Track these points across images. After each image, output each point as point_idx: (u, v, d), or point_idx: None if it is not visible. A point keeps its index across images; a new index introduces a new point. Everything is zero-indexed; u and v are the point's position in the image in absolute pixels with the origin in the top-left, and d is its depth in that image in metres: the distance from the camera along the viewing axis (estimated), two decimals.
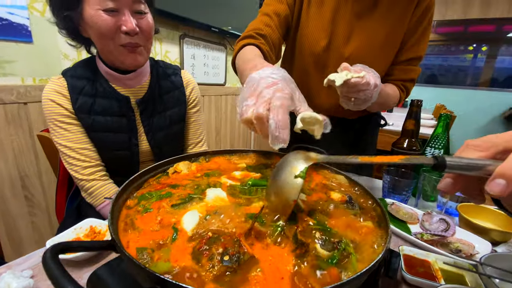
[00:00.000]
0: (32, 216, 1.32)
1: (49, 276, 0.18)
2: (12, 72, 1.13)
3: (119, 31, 0.67)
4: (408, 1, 0.71)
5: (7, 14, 1.08)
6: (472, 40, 4.20)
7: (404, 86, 0.78)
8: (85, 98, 0.74)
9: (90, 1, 0.65)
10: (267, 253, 0.25)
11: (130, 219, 0.28)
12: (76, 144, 0.74)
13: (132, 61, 0.73)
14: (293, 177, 0.29)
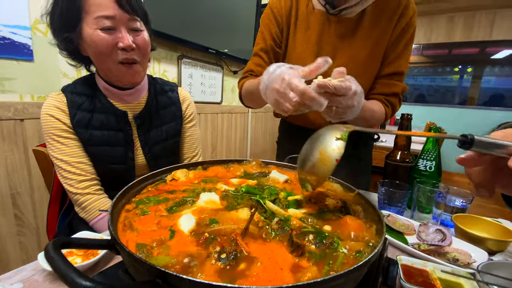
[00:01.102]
0: (21, 235, 1.28)
1: (53, 267, 0.18)
2: (11, 89, 1.14)
3: (116, 47, 0.70)
4: (387, 21, 0.76)
5: (10, 34, 1.11)
6: (457, 61, 4.42)
7: (387, 101, 0.80)
8: (83, 113, 0.75)
9: (89, 21, 0.68)
10: (265, 250, 0.25)
11: (128, 221, 0.28)
12: (72, 158, 0.74)
13: (130, 79, 0.75)
14: (335, 139, 0.31)
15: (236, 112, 2.63)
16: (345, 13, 0.77)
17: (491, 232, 0.63)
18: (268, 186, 0.40)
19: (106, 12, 0.67)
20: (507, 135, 0.30)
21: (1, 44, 1.09)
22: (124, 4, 0.68)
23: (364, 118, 0.73)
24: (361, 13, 0.77)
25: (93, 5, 0.67)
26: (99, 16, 0.67)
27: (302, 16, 0.82)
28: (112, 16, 0.67)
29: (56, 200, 0.87)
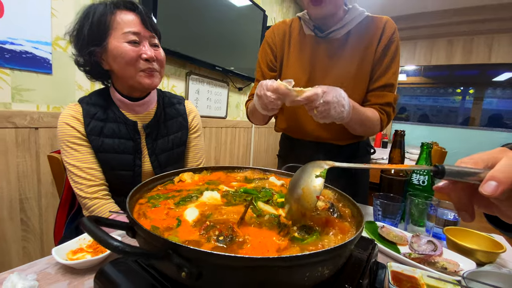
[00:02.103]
0: (25, 241, 1.30)
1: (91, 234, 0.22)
2: (29, 99, 1.22)
3: (140, 58, 0.79)
4: (369, 41, 0.84)
5: (32, 49, 1.20)
6: (458, 83, 4.50)
7: (382, 109, 0.86)
8: (96, 122, 0.81)
9: (116, 36, 0.76)
10: (257, 235, 0.29)
11: (142, 211, 0.32)
12: (84, 163, 0.79)
13: (150, 82, 0.82)
14: (314, 177, 0.34)
15: (240, 127, 2.70)
16: (332, 35, 0.87)
17: (481, 244, 0.65)
18: (265, 188, 0.44)
19: (133, 28, 0.77)
20: (477, 161, 0.31)
21: (23, 58, 1.18)
22: (147, 24, 0.79)
23: (359, 122, 0.79)
24: (346, 34, 0.86)
25: (122, 22, 0.76)
26: (127, 31, 0.76)
27: (295, 41, 0.92)
28: (138, 32, 0.78)
29: (65, 205, 0.92)
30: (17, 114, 1.17)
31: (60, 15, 1.26)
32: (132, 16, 0.78)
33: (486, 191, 0.27)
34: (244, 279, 0.24)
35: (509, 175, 0.27)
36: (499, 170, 0.28)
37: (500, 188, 0.27)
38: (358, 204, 0.40)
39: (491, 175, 0.28)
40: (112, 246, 0.21)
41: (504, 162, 0.28)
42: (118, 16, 0.77)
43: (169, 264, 0.22)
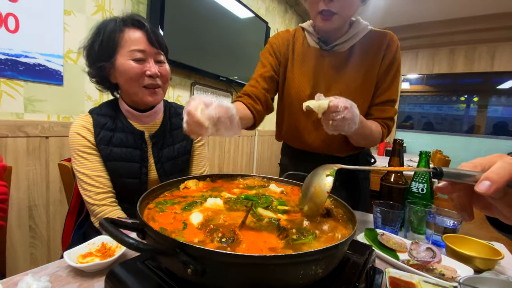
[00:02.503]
0: (33, 247, 1.33)
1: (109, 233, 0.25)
2: (41, 109, 1.27)
3: (144, 75, 0.82)
4: (374, 56, 0.86)
5: (45, 61, 1.26)
6: (462, 91, 4.50)
7: (384, 123, 0.88)
8: (106, 132, 0.85)
9: (123, 53, 0.81)
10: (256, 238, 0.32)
11: (151, 216, 0.35)
12: (93, 172, 0.82)
13: (152, 100, 0.86)
14: (325, 176, 0.38)
15: (243, 135, 2.73)
16: (337, 49, 0.88)
17: (480, 251, 0.66)
18: (265, 195, 0.46)
19: (139, 46, 0.81)
20: (476, 165, 0.34)
21: (36, 70, 1.24)
22: (153, 42, 0.83)
23: (364, 135, 0.80)
24: (351, 48, 0.87)
25: (129, 40, 0.81)
26: (133, 49, 0.80)
27: (298, 51, 0.92)
28: (143, 50, 0.82)
29: (74, 212, 0.94)
30: (29, 124, 1.21)
31: (72, 29, 1.33)
32: (139, 33, 0.82)
33: (481, 189, 0.30)
34: (244, 276, 0.26)
35: (502, 175, 0.29)
36: (493, 171, 0.31)
37: (493, 187, 0.29)
38: (352, 210, 0.42)
39: (485, 176, 0.30)
40: (127, 243, 0.24)
41: (498, 165, 0.31)
42: (126, 33, 0.81)
43: (176, 261, 0.25)
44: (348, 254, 0.46)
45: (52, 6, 1.26)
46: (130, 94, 0.85)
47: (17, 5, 1.16)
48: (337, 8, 0.76)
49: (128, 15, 0.85)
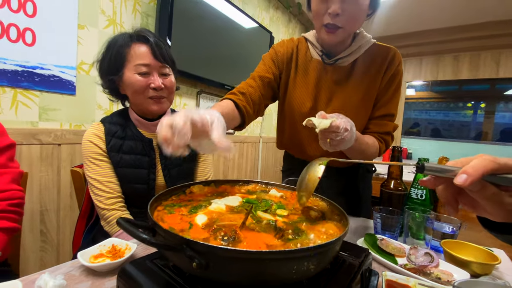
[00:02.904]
0: (43, 251, 1.37)
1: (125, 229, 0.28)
2: (54, 118, 1.33)
3: (148, 87, 0.88)
4: (376, 71, 0.86)
5: (59, 73, 1.33)
6: (468, 97, 4.47)
7: (381, 138, 0.87)
8: (116, 139, 0.89)
9: (129, 67, 0.87)
10: (255, 237, 0.34)
11: (160, 217, 0.38)
12: (104, 177, 0.86)
13: (158, 109, 0.92)
14: (318, 165, 0.43)
15: (248, 142, 2.77)
16: (339, 63, 0.87)
17: (478, 257, 0.67)
18: (265, 199, 0.49)
19: (143, 61, 0.86)
20: (457, 162, 0.38)
21: (51, 81, 1.30)
22: (158, 56, 0.87)
23: (360, 150, 0.79)
24: (353, 62, 0.87)
25: (134, 55, 0.86)
26: (138, 64, 0.85)
27: (301, 62, 0.92)
28: (148, 64, 0.87)
29: (84, 216, 0.99)
30: (43, 132, 1.27)
31: (85, 42, 1.40)
32: (144, 48, 0.87)
33: (458, 181, 0.33)
34: (243, 269, 0.29)
35: (477, 169, 0.33)
36: (470, 165, 0.34)
37: (469, 179, 0.33)
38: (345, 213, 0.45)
39: (463, 170, 0.34)
40: (141, 238, 0.27)
41: (476, 161, 0.34)
42: (132, 49, 0.87)
43: (183, 256, 0.28)
44: (344, 256, 0.48)
45: (67, 21, 1.33)
46: (137, 105, 0.91)
47: (34, 20, 1.23)
48: (342, 23, 0.75)
49: (136, 30, 0.91)
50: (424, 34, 4.03)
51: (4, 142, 0.78)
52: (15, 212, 0.76)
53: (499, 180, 0.33)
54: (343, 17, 0.74)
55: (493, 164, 0.33)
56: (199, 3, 1.90)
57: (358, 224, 0.94)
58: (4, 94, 1.17)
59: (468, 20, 3.58)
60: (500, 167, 0.33)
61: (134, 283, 0.38)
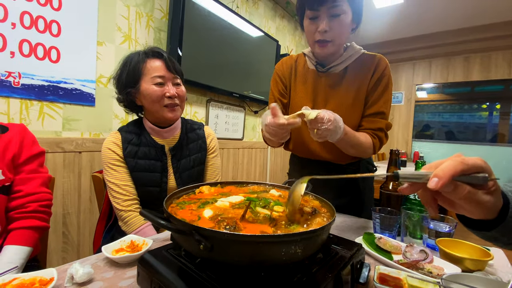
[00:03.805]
0: (64, 252, 1.47)
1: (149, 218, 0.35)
2: (76, 127, 1.44)
3: (164, 96, 0.97)
4: (364, 75, 0.96)
5: (81, 86, 1.44)
6: (482, 98, 4.35)
7: (374, 134, 0.95)
8: (132, 146, 0.98)
9: (146, 80, 0.96)
10: (252, 227, 0.41)
11: (173, 211, 0.45)
12: (121, 181, 0.95)
13: (172, 116, 1.01)
14: (300, 183, 0.48)
15: (256, 148, 2.84)
16: (332, 70, 0.99)
17: (472, 253, 0.70)
18: (265, 198, 0.55)
19: (159, 73, 0.96)
20: (431, 166, 0.40)
21: (73, 94, 1.42)
22: (171, 68, 0.98)
23: (351, 144, 0.87)
24: (345, 69, 0.98)
25: (150, 69, 0.96)
26: (154, 76, 0.96)
27: (300, 73, 1.06)
28: (163, 75, 0.97)
29: (104, 218, 1.07)
30: (65, 141, 1.39)
31: (104, 57, 1.51)
32: (159, 62, 0.98)
33: (431, 185, 0.36)
34: (240, 251, 0.35)
35: (446, 172, 0.35)
36: (440, 169, 0.36)
37: (440, 182, 0.35)
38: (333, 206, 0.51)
39: (434, 174, 0.36)
40: (161, 223, 0.34)
41: (445, 163, 0.37)
42: (148, 63, 0.97)
43: (192, 240, 0.34)
44: (337, 249, 0.54)
45: (88, 38, 1.45)
46: (153, 112, 0.99)
47: (59, 39, 1.36)
48: (330, 37, 0.88)
49: (150, 48, 1.01)
50: (433, 36, 4.02)
51: (35, 150, 0.87)
52: (45, 212, 0.85)
53: (470, 179, 0.36)
54: (331, 33, 0.87)
55: (462, 165, 0.35)
56: (208, 16, 2.00)
57: (359, 224, 0.98)
58: (32, 107, 1.30)
59: (479, 21, 3.56)
60: (469, 167, 0.36)
61: (152, 269, 0.44)
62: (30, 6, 1.25)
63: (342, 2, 0.84)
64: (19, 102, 1.25)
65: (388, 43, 4.36)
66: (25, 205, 0.81)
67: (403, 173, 0.41)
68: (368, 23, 3.66)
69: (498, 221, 0.41)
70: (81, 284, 0.53)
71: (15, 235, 0.77)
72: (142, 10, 1.70)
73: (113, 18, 1.55)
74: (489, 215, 0.40)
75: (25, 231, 0.79)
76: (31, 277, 0.52)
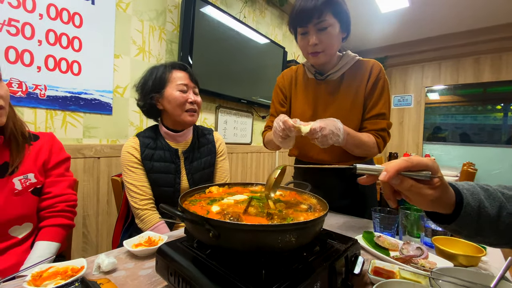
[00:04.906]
0: (84, 251, 1.57)
1: (167, 210, 0.43)
2: (95, 135, 1.55)
3: (186, 102, 1.09)
4: (360, 80, 1.02)
5: (99, 96, 1.55)
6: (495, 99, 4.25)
7: (377, 134, 1.00)
8: (149, 150, 1.07)
9: (171, 86, 1.09)
10: (253, 219, 0.47)
11: (186, 207, 0.52)
12: (138, 182, 1.04)
13: (191, 120, 1.12)
14: (276, 170, 0.56)
15: (264, 152, 2.90)
16: (330, 77, 1.06)
17: (466, 250, 0.73)
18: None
19: (183, 81, 1.10)
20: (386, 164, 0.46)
21: (93, 103, 1.53)
22: (193, 79, 1.14)
23: (355, 144, 0.93)
24: (341, 76, 1.05)
25: (176, 77, 1.10)
26: (179, 83, 1.10)
27: (300, 82, 1.14)
28: (186, 84, 1.11)
29: (122, 218, 1.16)
30: (85, 147, 1.49)
31: (120, 69, 1.63)
32: (183, 73, 1.12)
33: (380, 178, 0.43)
34: (243, 238, 0.41)
35: (392, 167, 0.42)
36: (389, 164, 0.43)
37: (387, 175, 0.42)
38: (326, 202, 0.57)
39: (384, 169, 0.44)
40: (177, 214, 0.41)
41: (395, 160, 0.44)
42: (173, 73, 1.11)
43: (203, 229, 0.41)
44: (333, 243, 0.59)
45: (106, 52, 1.57)
46: (174, 116, 1.10)
47: (80, 53, 1.47)
48: (321, 49, 0.96)
49: (174, 62, 1.17)
50: (441, 38, 4.00)
51: (62, 155, 0.97)
52: (71, 211, 0.94)
53: (415, 175, 0.43)
54: (321, 45, 0.95)
55: (406, 163, 0.42)
56: (217, 27, 2.10)
57: (361, 224, 1.02)
58: (56, 116, 1.41)
59: (488, 23, 3.53)
60: (412, 165, 0.42)
61: (169, 258, 0.51)
62: (55, 24, 1.37)
63: (327, 16, 0.91)
64: (44, 112, 1.37)
65: (395, 46, 4.37)
66: (54, 205, 0.90)
67: (361, 166, 0.48)
68: (374, 27, 3.69)
69: (455, 216, 0.46)
70: (107, 273, 0.61)
71: (45, 232, 0.86)
72: (155, 24, 1.81)
73: (129, 32, 1.67)
74: (442, 209, 0.46)
75: (54, 228, 0.88)
76: (64, 266, 0.60)
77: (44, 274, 0.58)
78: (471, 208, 0.46)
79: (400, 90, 4.63)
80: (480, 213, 0.47)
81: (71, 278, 0.55)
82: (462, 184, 0.51)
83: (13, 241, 0.82)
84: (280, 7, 2.97)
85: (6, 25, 1.23)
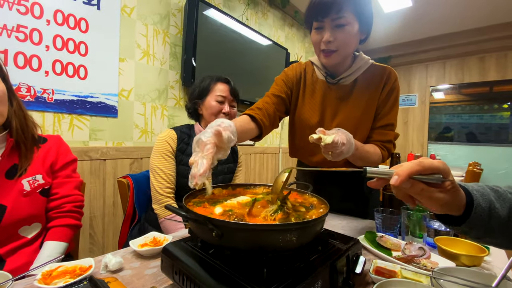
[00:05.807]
0: (91, 252, 1.60)
1: (172, 210, 0.44)
2: (101, 137, 1.58)
3: (220, 112, 1.24)
4: (375, 87, 0.97)
5: (105, 99, 1.58)
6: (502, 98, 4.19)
7: (383, 145, 0.96)
8: (183, 144, 1.18)
9: (211, 96, 1.25)
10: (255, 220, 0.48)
11: (191, 208, 0.53)
12: (167, 170, 1.13)
13: None
14: (283, 173, 0.56)
15: (268, 153, 2.91)
16: (342, 82, 0.99)
17: (469, 250, 0.73)
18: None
19: (222, 93, 1.25)
20: (397, 167, 0.45)
21: (99, 107, 1.56)
22: (233, 92, 1.29)
23: (361, 157, 0.89)
24: (354, 81, 0.99)
25: (217, 89, 1.26)
26: (218, 94, 1.25)
27: (308, 82, 1.05)
28: (225, 96, 1.26)
29: (128, 219, 1.18)
30: (92, 149, 1.52)
31: (125, 73, 1.65)
32: (224, 86, 1.27)
33: (392, 182, 0.43)
34: (245, 237, 0.42)
35: (404, 171, 0.42)
36: (400, 168, 0.43)
37: (399, 179, 0.42)
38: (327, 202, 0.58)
39: (395, 172, 0.43)
40: (182, 214, 0.42)
41: (406, 164, 0.44)
42: (216, 85, 1.26)
43: (206, 228, 0.42)
44: (335, 243, 0.60)
45: (111, 56, 1.60)
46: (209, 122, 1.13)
47: (86, 58, 1.50)
48: (335, 47, 0.88)
49: (220, 75, 1.32)
50: (445, 37, 3.97)
51: (69, 157, 0.99)
52: (78, 212, 0.96)
53: (426, 179, 0.43)
54: (335, 43, 0.88)
55: (418, 167, 0.42)
56: (219, 29, 2.12)
57: (364, 225, 1.02)
58: (64, 119, 1.44)
59: (493, 21, 3.49)
60: (424, 169, 0.42)
61: (174, 257, 0.53)
62: (62, 30, 1.41)
63: (346, 13, 0.84)
64: (52, 116, 1.40)
65: (399, 46, 4.34)
66: (62, 206, 0.92)
67: (371, 169, 0.48)
68: (378, 27, 3.68)
69: (465, 217, 0.46)
70: (114, 272, 0.63)
71: (54, 232, 0.89)
72: (159, 28, 1.84)
73: (133, 36, 1.70)
74: (453, 212, 0.47)
75: (62, 229, 0.90)
76: (73, 265, 0.62)
77: (54, 273, 0.60)
78: (482, 210, 0.47)
79: (404, 89, 4.60)
80: (491, 215, 0.47)
81: (79, 277, 0.57)
82: (471, 185, 0.51)
83: (23, 241, 0.85)
84: (282, 9, 2.98)
85: (15, 31, 1.26)
